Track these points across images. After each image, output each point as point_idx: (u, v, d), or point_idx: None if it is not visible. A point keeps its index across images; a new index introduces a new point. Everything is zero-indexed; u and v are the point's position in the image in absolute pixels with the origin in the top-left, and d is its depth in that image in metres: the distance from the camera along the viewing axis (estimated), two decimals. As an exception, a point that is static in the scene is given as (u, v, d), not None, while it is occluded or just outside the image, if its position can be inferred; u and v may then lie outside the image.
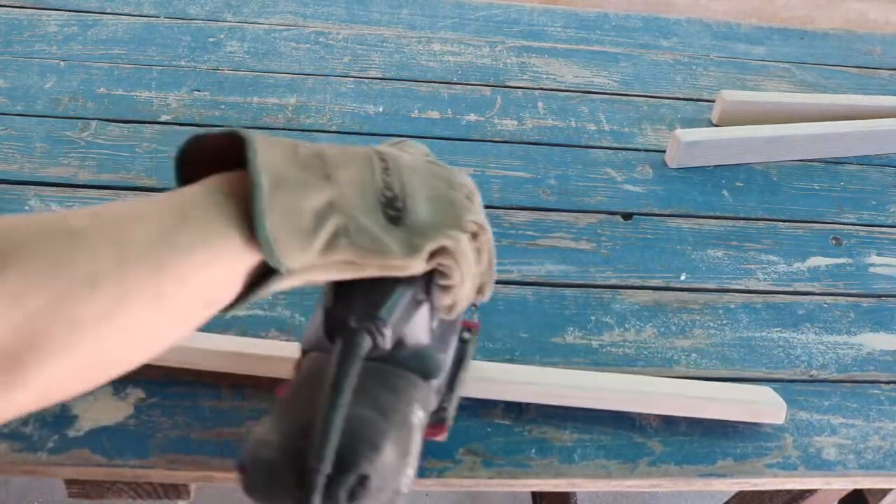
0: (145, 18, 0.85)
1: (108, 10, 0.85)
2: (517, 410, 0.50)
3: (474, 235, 0.38)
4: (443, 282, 0.37)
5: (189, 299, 0.30)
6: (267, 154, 0.32)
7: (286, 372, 0.49)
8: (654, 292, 0.60)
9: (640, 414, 0.51)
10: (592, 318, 0.58)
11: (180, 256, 0.29)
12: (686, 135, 0.72)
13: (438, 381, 0.40)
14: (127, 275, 0.28)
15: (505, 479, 0.47)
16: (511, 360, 0.53)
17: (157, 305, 0.29)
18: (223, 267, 0.31)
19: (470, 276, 0.37)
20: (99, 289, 0.27)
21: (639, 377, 0.52)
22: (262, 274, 0.32)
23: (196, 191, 0.32)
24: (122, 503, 0.53)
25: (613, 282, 0.61)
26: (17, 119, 0.69)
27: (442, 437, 0.44)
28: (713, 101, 0.82)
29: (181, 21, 0.85)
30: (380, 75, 0.81)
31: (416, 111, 0.76)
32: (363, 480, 0.33)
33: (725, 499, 0.93)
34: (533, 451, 0.48)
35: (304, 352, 0.39)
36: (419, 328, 0.39)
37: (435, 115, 0.76)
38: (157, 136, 0.69)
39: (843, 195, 0.74)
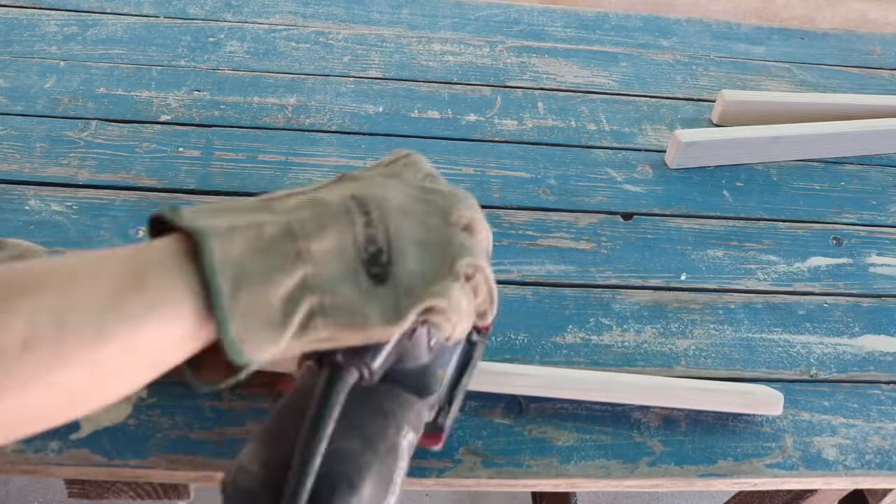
0: (145, 18, 0.85)
1: (108, 10, 0.85)
2: (517, 410, 0.50)
3: (469, 277, 0.36)
4: (434, 330, 0.36)
5: (134, 365, 0.29)
6: (225, 249, 0.30)
7: (286, 370, 0.49)
8: (654, 292, 0.60)
9: (640, 414, 0.51)
10: (592, 318, 0.58)
11: (128, 325, 0.28)
12: (686, 135, 0.72)
13: (435, 396, 0.39)
14: (67, 340, 0.27)
15: (505, 479, 0.47)
16: (511, 360, 0.53)
17: (98, 370, 0.28)
18: (177, 337, 0.30)
19: (465, 319, 0.36)
20: (33, 352, 0.26)
21: (635, 374, 0.52)
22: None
23: (156, 253, 0.30)
24: (122, 503, 0.53)
25: (613, 282, 0.61)
26: (17, 119, 0.69)
27: (438, 447, 0.43)
28: (713, 101, 0.82)
29: (181, 21, 0.85)
30: (380, 75, 0.81)
31: (416, 111, 0.76)
32: None
33: (725, 499, 0.93)
34: (533, 451, 0.48)
35: (305, 357, 0.39)
36: (417, 347, 0.38)
37: (435, 115, 0.76)
38: (157, 136, 0.69)
39: (844, 195, 0.74)
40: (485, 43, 0.89)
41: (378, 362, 0.34)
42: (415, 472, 0.46)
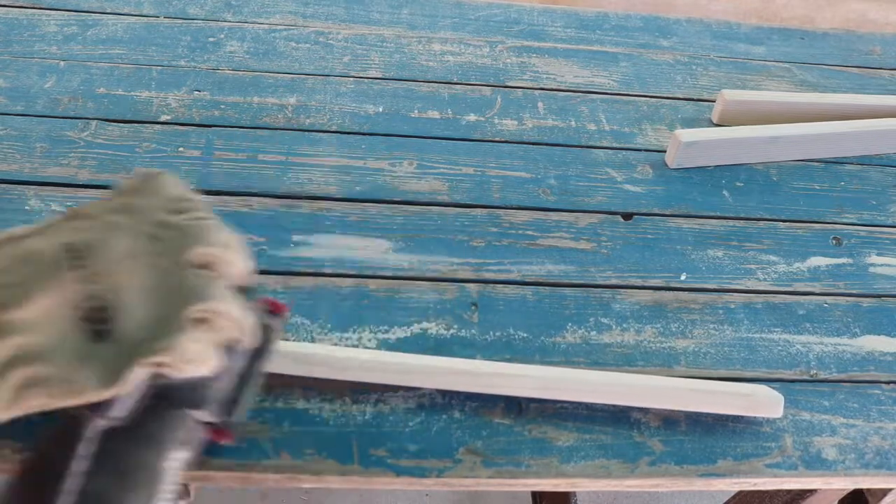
0: (145, 18, 0.85)
1: (108, 10, 0.85)
2: (517, 410, 0.50)
3: (206, 323, 0.34)
4: (169, 374, 0.34)
5: None
6: None
7: (287, 369, 0.49)
8: (654, 292, 0.60)
9: (640, 413, 0.51)
10: (592, 317, 0.58)
11: None
12: (686, 135, 0.72)
13: (210, 407, 0.38)
14: None
15: (505, 479, 0.47)
16: (511, 360, 0.53)
17: None
18: None
19: (202, 359, 0.34)
20: None
21: (635, 375, 0.52)
22: None
23: None
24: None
25: (613, 282, 0.61)
26: (17, 119, 0.69)
27: (229, 441, 0.42)
28: (713, 101, 0.82)
29: (181, 21, 0.85)
30: (380, 75, 0.81)
31: (416, 111, 0.76)
32: None
33: (725, 499, 0.93)
34: (533, 451, 0.48)
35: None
36: (166, 385, 0.36)
37: (435, 114, 0.76)
38: (157, 136, 0.69)
39: (843, 195, 0.74)
40: (485, 43, 0.89)
41: (119, 411, 0.33)
42: (415, 472, 0.47)
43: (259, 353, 0.41)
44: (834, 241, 0.68)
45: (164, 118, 0.71)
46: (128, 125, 0.70)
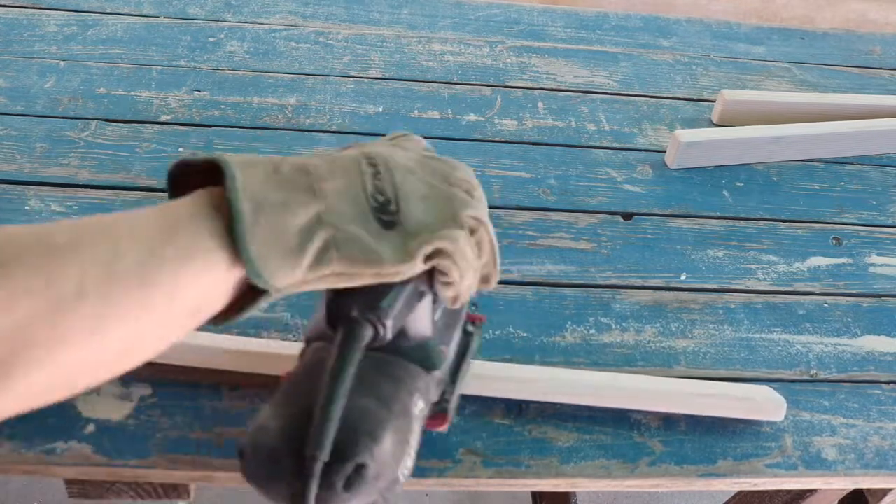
0: (145, 18, 0.85)
1: (108, 10, 0.85)
2: (517, 410, 0.50)
3: (473, 231, 0.37)
4: (442, 279, 0.37)
5: (176, 311, 0.31)
6: (247, 177, 0.32)
7: (287, 368, 0.49)
8: (654, 292, 0.60)
9: (640, 414, 0.51)
10: (592, 317, 0.58)
11: (168, 272, 0.30)
12: (686, 135, 0.72)
13: (440, 373, 0.40)
14: (114, 289, 0.28)
15: (505, 479, 0.47)
16: (511, 360, 0.53)
17: (144, 318, 0.29)
18: (211, 281, 0.31)
19: (470, 271, 0.37)
20: (87, 301, 0.27)
21: (638, 376, 0.52)
22: (252, 285, 0.32)
23: (185, 206, 0.32)
24: (122, 503, 0.53)
25: (613, 282, 0.61)
26: (17, 119, 0.69)
27: (443, 429, 0.44)
28: (713, 101, 0.82)
29: (181, 21, 0.85)
30: (380, 75, 0.81)
31: (416, 111, 0.76)
32: (360, 469, 0.33)
33: (725, 499, 0.93)
34: (533, 451, 0.48)
35: (308, 342, 0.39)
36: (421, 319, 0.39)
37: (435, 115, 0.76)
38: (157, 136, 0.69)
39: (843, 195, 0.74)
40: (485, 43, 0.89)
41: (390, 319, 0.35)
42: (415, 472, 0.46)
43: (464, 353, 0.45)
44: (834, 241, 0.68)
45: (164, 118, 0.71)
46: (128, 125, 0.70)
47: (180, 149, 0.67)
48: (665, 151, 0.75)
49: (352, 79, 0.80)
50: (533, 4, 0.98)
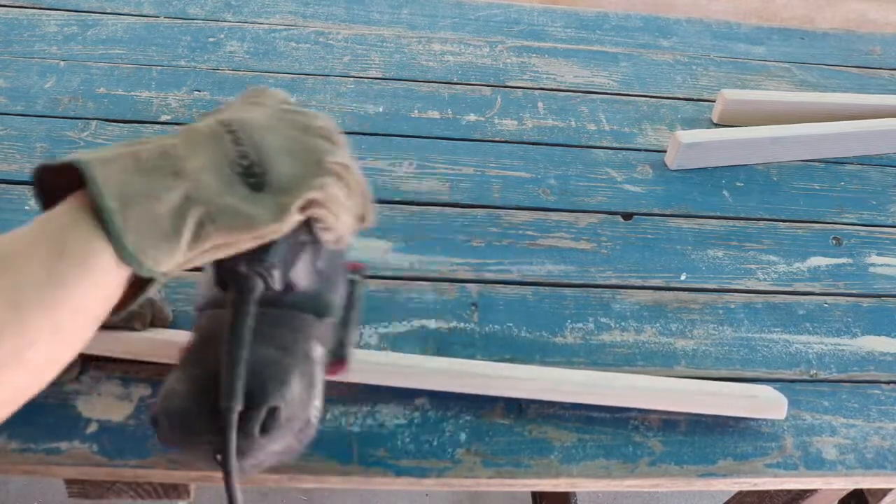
0: (145, 18, 0.85)
1: (108, 10, 0.85)
2: (517, 410, 0.50)
3: (339, 176, 0.38)
4: (320, 225, 0.38)
5: (83, 322, 0.32)
6: (107, 174, 0.33)
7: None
8: (654, 292, 0.60)
9: (640, 414, 0.51)
10: (592, 317, 0.58)
11: (69, 289, 0.31)
12: (686, 136, 0.72)
13: (331, 319, 0.41)
14: (25, 320, 0.29)
15: (505, 479, 0.47)
16: (511, 360, 0.53)
17: (56, 338, 0.30)
18: (107, 283, 0.32)
19: (344, 212, 0.38)
20: (2, 340, 0.28)
21: (639, 375, 0.52)
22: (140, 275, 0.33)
23: (64, 216, 0.32)
24: (122, 503, 0.53)
25: (613, 282, 0.61)
26: (17, 119, 0.69)
27: (342, 375, 0.44)
28: (713, 101, 0.82)
29: (181, 21, 0.85)
30: (380, 75, 0.81)
31: (416, 111, 0.76)
32: (273, 412, 0.35)
33: (725, 499, 0.93)
34: (533, 451, 0.48)
35: (199, 311, 0.40)
36: (304, 271, 0.40)
37: (435, 115, 0.76)
38: (157, 136, 0.69)
39: (843, 195, 0.74)
40: (485, 43, 0.89)
41: (277, 269, 0.37)
42: (415, 472, 0.47)
43: (352, 299, 0.46)
44: (834, 241, 0.68)
45: (164, 118, 0.71)
46: (128, 125, 0.70)
47: (180, 149, 0.67)
48: (665, 151, 0.75)
49: (352, 79, 0.80)
50: (533, 4, 0.98)
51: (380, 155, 0.70)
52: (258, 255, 0.36)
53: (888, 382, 0.56)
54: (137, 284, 0.34)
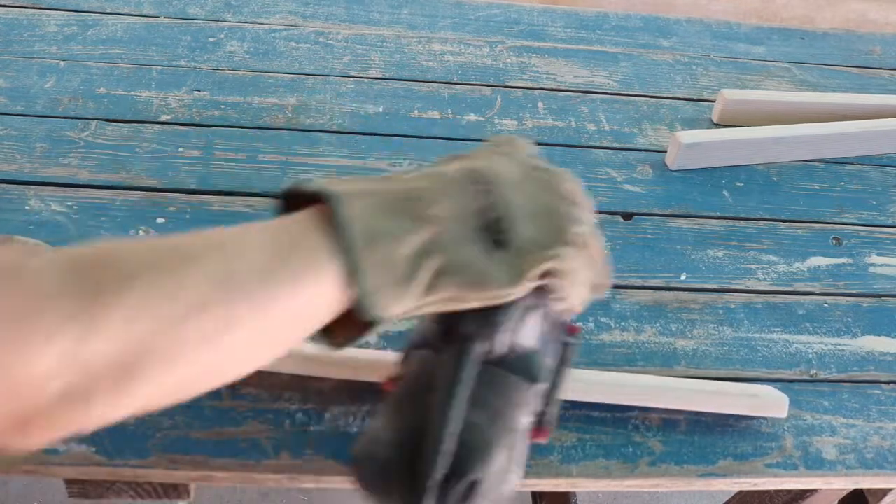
0: (145, 18, 0.85)
1: (108, 10, 0.85)
2: (517, 410, 0.50)
3: (582, 246, 0.37)
4: (553, 295, 0.37)
5: (289, 326, 0.31)
6: (356, 209, 0.32)
7: (287, 367, 0.49)
8: (654, 292, 0.60)
9: (640, 414, 0.51)
10: (592, 317, 0.58)
11: (285, 289, 0.30)
12: (687, 137, 0.72)
13: (543, 386, 0.40)
14: (234, 304, 0.29)
15: (505, 478, 0.47)
16: (511, 360, 0.53)
17: (259, 331, 0.30)
18: (324, 300, 0.32)
19: (580, 284, 0.37)
20: (207, 314, 0.28)
21: (639, 375, 0.52)
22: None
23: (299, 224, 0.32)
24: (122, 503, 0.53)
25: (613, 281, 0.61)
26: (17, 119, 0.69)
27: (544, 440, 0.44)
28: (713, 101, 0.82)
29: (181, 21, 0.85)
30: (380, 75, 0.81)
31: (416, 111, 0.76)
32: (474, 485, 0.34)
33: (725, 499, 0.93)
34: (533, 451, 0.48)
35: (410, 348, 0.40)
36: (529, 333, 0.39)
37: (435, 115, 0.76)
38: (157, 136, 0.69)
39: (843, 195, 0.74)
40: (485, 43, 0.89)
41: (503, 334, 0.35)
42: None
43: (564, 361, 0.44)
44: (834, 241, 0.68)
45: (164, 118, 0.71)
46: (128, 125, 0.70)
47: (180, 149, 0.67)
48: (665, 151, 0.75)
49: (352, 79, 0.80)
50: (533, 4, 0.98)
51: (380, 155, 0.70)
52: (487, 315, 0.35)
53: (888, 382, 0.56)
54: (357, 323, 0.33)
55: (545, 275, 0.35)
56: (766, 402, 0.51)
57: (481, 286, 0.33)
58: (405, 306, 0.32)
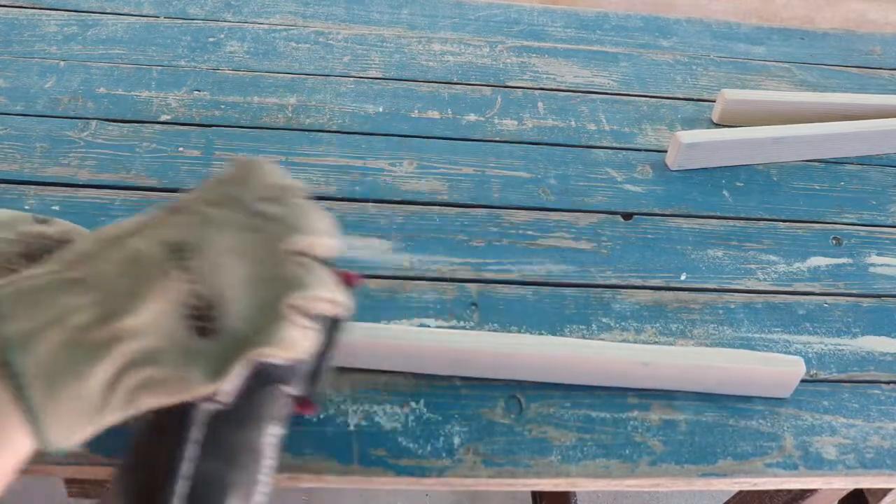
0: (145, 18, 0.85)
1: (108, 10, 0.85)
2: (517, 410, 0.50)
3: (301, 314, 0.34)
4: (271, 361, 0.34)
5: None
6: (33, 353, 0.29)
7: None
8: (654, 292, 0.60)
9: (640, 414, 0.51)
10: (592, 317, 0.58)
11: None
12: (687, 137, 0.72)
13: (300, 375, 0.38)
14: None
15: (505, 479, 0.47)
16: (511, 360, 0.53)
17: None
18: (16, 455, 0.31)
19: (299, 347, 0.34)
20: None
21: (645, 346, 0.52)
22: None
23: None
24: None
25: (613, 282, 0.61)
26: (17, 119, 0.69)
27: (312, 413, 0.42)
28: (713, 101, 0.82)
29: (181, 21, 0.85)
30: (380, 75, 0.81)
31: (416, 111, 0.76)
32: None
33: (725, 499, 0.93)
34: (533, 450, 0.48)
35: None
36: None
37: (435, 114, 0.76)
38: (157, 136, 0.69)
39: (843, 195, 0.74)
40: (485, 43, 0.89)
41: (225, 396, 0.34)
42: (415, 471, 0.47)
43: (336, 323, 0.41)
44: (834, 241, 0.68)
45: (164, 118, 0.71)
46: (128, 125, 0.70)
47: (180, 149, 0.67)
48: (665, 151, 0.75)
49: (352, 79, 0.80)
50: (533, 4, 0.98)
51: (380, 155, 0.70)
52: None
53: (888, 382, 0.56)
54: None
55: (257, 357, 0.32)
56: (781, 361, 0.51)
57: (179, 391, 0.31)
58: (95, 430, 0.31)
